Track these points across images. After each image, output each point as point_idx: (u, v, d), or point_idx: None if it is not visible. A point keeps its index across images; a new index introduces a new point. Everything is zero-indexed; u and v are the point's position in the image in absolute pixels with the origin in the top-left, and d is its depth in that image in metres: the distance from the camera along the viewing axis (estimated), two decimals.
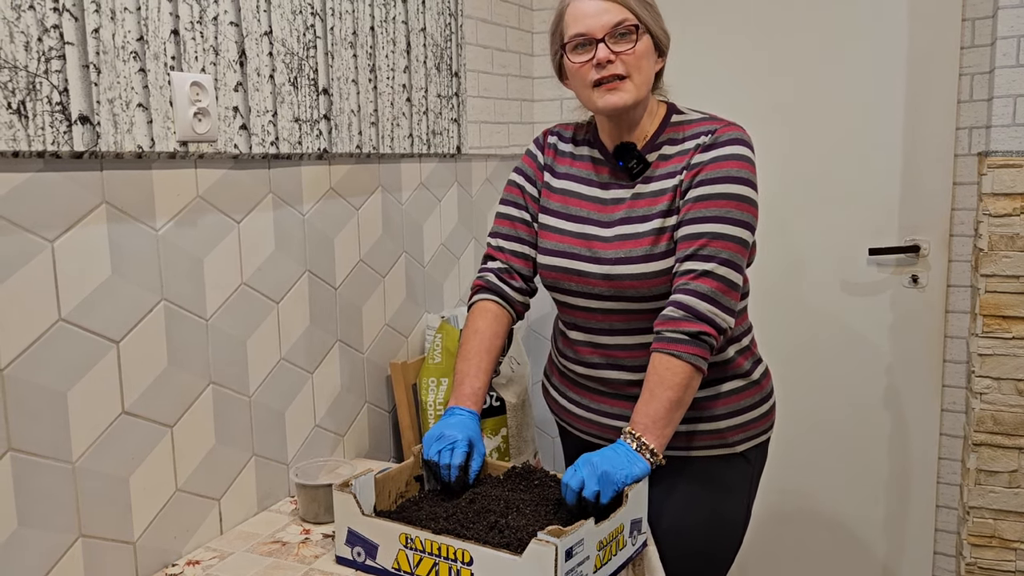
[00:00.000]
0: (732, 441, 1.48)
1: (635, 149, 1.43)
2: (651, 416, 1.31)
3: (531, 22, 2.62)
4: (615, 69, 1.36)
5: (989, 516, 2.09)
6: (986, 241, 2.01)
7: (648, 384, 1.33)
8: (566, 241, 1.47)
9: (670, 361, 1.31)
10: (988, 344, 2.03)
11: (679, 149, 1.42)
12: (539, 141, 1.58)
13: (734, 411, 1.48)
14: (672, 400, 1.31)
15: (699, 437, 1.47)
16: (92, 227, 1.23)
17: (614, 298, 1.43)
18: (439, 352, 1.96)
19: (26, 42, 1.10)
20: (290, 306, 1.64)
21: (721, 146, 1.37)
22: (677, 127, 1.44)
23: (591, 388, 1.53)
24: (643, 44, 1.37)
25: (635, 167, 1.43)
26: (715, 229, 1.33)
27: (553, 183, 1.53)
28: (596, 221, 1.46)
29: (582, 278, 1.45)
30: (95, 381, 1.24)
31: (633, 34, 1.36)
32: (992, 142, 1.99)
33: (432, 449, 1.38)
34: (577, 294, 1.47)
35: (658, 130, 1.45)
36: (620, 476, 1.26)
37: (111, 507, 1.28)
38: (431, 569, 1.21)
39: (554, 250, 1.49)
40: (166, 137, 1.32)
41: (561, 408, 1.61)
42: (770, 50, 2.40)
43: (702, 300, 1.32)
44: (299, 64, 1.60)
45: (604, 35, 1.35)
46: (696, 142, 1.40)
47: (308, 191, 1.68)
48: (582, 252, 1.45)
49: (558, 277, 1.48)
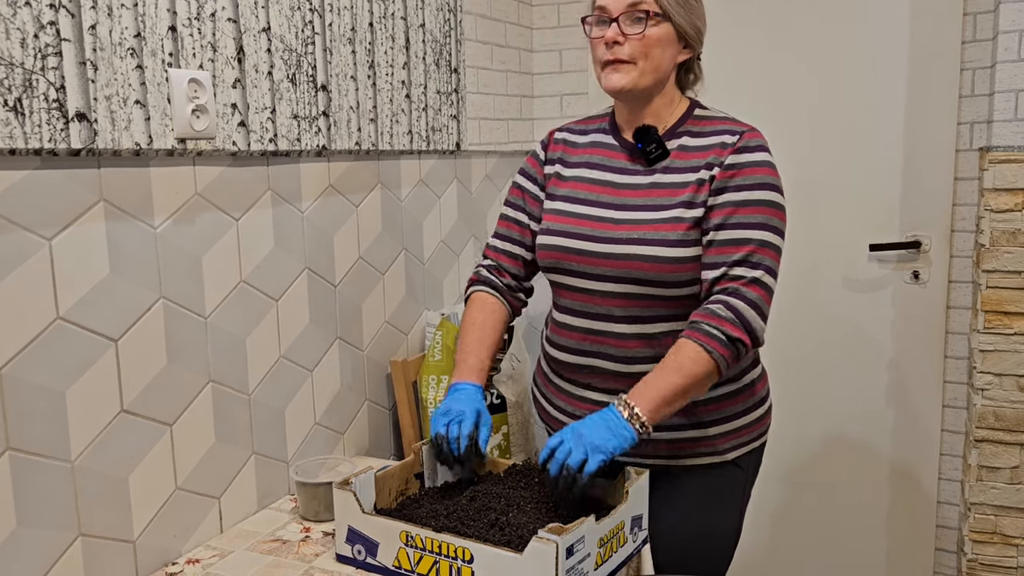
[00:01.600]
0: (723, 449, 1.46)
1: (656, 133, 1.42)
2: (653, 392, 1.28)
3: (530, 18, 2.61)
4: (620, 52, 1.36)
5: (990, 512, 2.09)
6: (988, 237, 2.00)
7: (664, 364, 1.31)
8: (569, 222, 1.46)
9: (698, 352, 1.30)
10: (989, 340, 2.02)
11: (700, 144, 1.41)
12: (544, 141, 1.59)
13: (724, 417, 1.45)
14: (680, 387, 1.29)
15: (687, 445, 1.45)
16: (90, 225, 1.22)
17: (617, 279, 1.40)
18: (439, 349, 1.96)
19: (22, 39, 1.10)
20: (289, 304, 1.64)
21: (754, 151, 1.38)
22: (699, 121, 1.44)
23: (574, 381, 1.50)
24: (657, 31, 1.36)
25: (653, 151, 1.42)
26: (763, 237, 1.35)
27: (564, 172, 1.52)
28: (607, 204, 1.44)
29: (584, 257, 1.43)
30: (94, 380, 1.23)
31: (649, 19, 1.35)
32: (993, 137, 1.98)
33: (439, 423, 1.38)
34: (577, 274, 1.45)
35: (679, 121, 1.44)
36: (609, 445, 1.23)
37: (110, 506, 1.28)
38: (432, 567, 1.21)
39: (555, 230, 1.48)
40: (164, 134, 1.32)
41: (548, 415, 1.60)
42: (769, 46, 2.39)
43: (751, 308, 1.32)
44: (297, 60, 1.59)
45: (619, 15, 1.36)
46: (719, 140, 1.40)
47: (307, 188, 1.67)
48: (585, 231, 1.44)
49: (559, 257, 1.46)
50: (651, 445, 1.43)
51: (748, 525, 1.60)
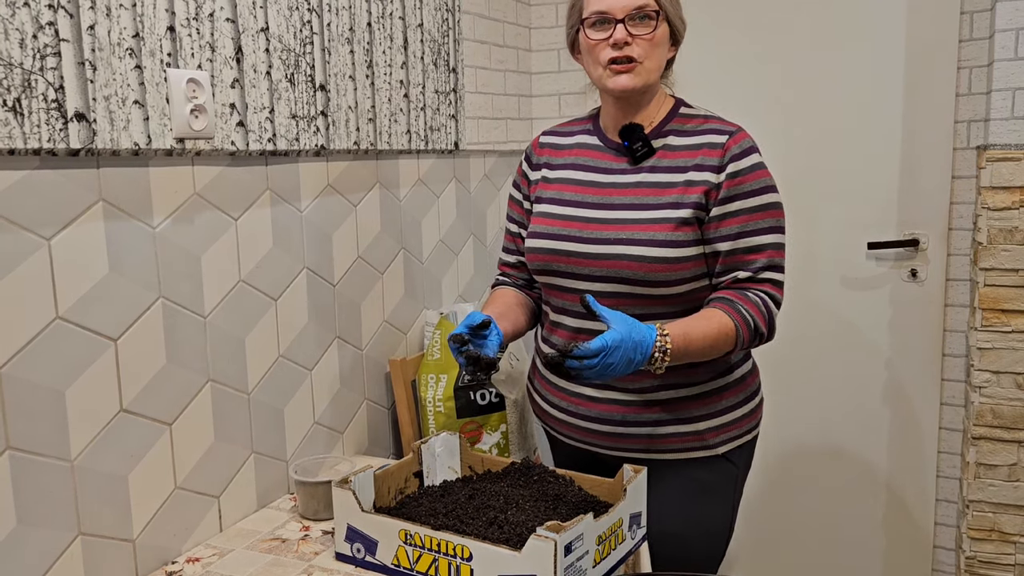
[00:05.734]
0: (712, 443, 1.46)
1: (642, 131, 1.44)
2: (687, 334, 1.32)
3: (528, 17, 2.61)
4: (630, 52, 1.39)
5: (989, 510, 2.09)
6: (985, 235, 2.00)
7: (700, 316, 1.36)
8: (556, 224, 1.48)
9: (727, 323, 1.35)
10: (987, 338, 2.03)
11: (686, 143, 1.43)
12: (529, 149, 1.63)
13: (713, 412, 1.46)
14: (709, 336, 1.33)
15: (674, 439, 1.46)
16: (89, 225, 1.22)
17: (606, 279, 1.42)
18: (438, 348, 1.96)
19: (21, 39, 1.10)
20: (288, 303, 1.64)
21: (750, 154, 1.41)
22: (685, 120, 1.46)
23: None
24: (661, 30, 1.40)
25: (639, 149, 1.44)
26: (775, 240, 1.42)
27: (550, 175, 1.54)
28: (592, 204, 1.46)
29: (571, 259, 1.44)
30: (93, 379, 1.24)
31: (654, 19, 1.38)
32: (991, 135, 1.99)
33: (457, 330, 1.33)
34: (566, 275, 1.46)
35: (665, 119, 1.46)
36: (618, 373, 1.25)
37: (110, 505, 1.28)
38: (431, 565, 1.21)
39: (541, 233, 1.49)
40: (163, 134, 1.32)
41: (543, 411, 1.60)
42: (767, 44, 2.39)
43: (776, 308, 1.42)
44: (296, 60, 1.60)
45: (624, 16, 1.37)
46: (707, 140, 1.41)
47: (306, 188, 1.67)
48: (572, 233, 1.45)
49: (547, 259, 1.48)
50: (628, 439, 1.45)
51: (744, 522, 1.61)
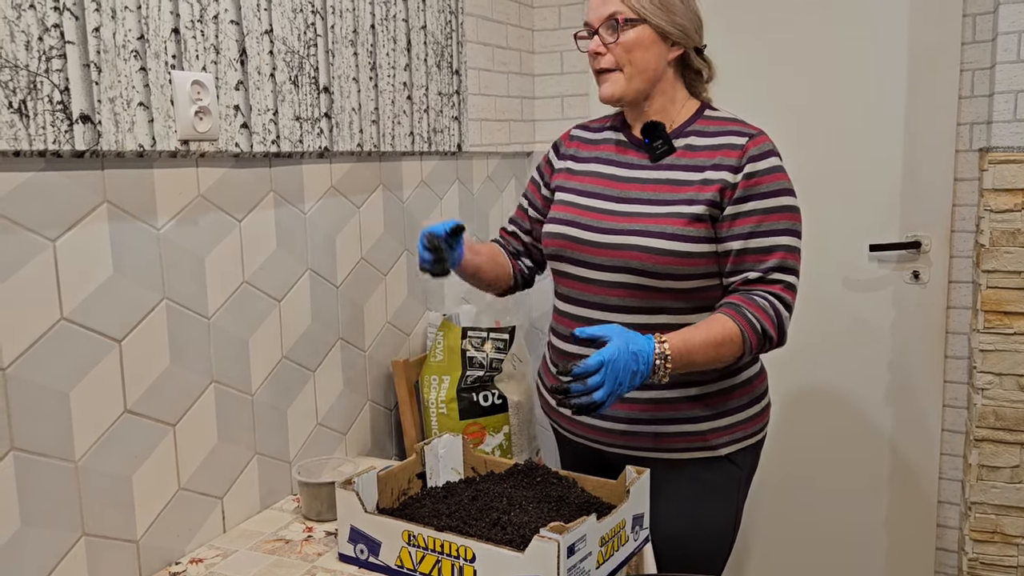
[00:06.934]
0: (715, 444, 1.47)
1: (663, 129, 1.46)
2: (687, 340, 1.31)
3: (531, 19, 2.62)
4: (604, 62, 1.44)
5: (991, 512, 2.09)
6: (987, 237, 2.00)
7: (702, 323, 1.35)
8: (574, 212, 1.51)
9: (731, 328, 1.34)
10: (990, 340, 2.03)
11: (707, 143, 1.44)
12: (559, 139, 1.67)
13: (718, 413, 1.46)
14: (711, 342, 1.32)
15: (678, 439, 1.46)
16: (93, 226, 1.23)
17: (614, 269, 1.43)
18: (441, 350, 1.97)
19: (27, 41, 1.10)
20: (292, 304, 1.64)
21: (768, 156, 1.41)
22: (708, 122, 1.48)
23: None
24: (632, 35, 1.41)
25: (659, 147, 1.46)
26: (790, 242, 1.42)
27: (575, 167, 1.58)
28: (610, 196, 1.48)
29: (583, 246, 1.47)
30: (97, 380, 1.24)
31: (620, 26, 1.40)
32: (993, 138, 1.99)
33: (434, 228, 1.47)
34: (576, 262, 1.49)
35: (688, 121, 1.48)
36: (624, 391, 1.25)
37: (114, 506, 1.28)
38: (434, 566, 1.22)
39: (558, 219, 1.53)
40: (167, 136, 1.32)
41: (551, 408, 1.60)
42: (770, 46, 2.39)
43: (787, 311, 1.40)
44: (300, 62, 1.60)
45: (599, 26, 1.42)
46: (727, 140, 1.42)
47: (309, 189, 1.68)
48: (587, 222, 1.48)
49: (560, 244, 1.51)
50: (634, 438, 1.45)
51: (748, 524, 1.61)
